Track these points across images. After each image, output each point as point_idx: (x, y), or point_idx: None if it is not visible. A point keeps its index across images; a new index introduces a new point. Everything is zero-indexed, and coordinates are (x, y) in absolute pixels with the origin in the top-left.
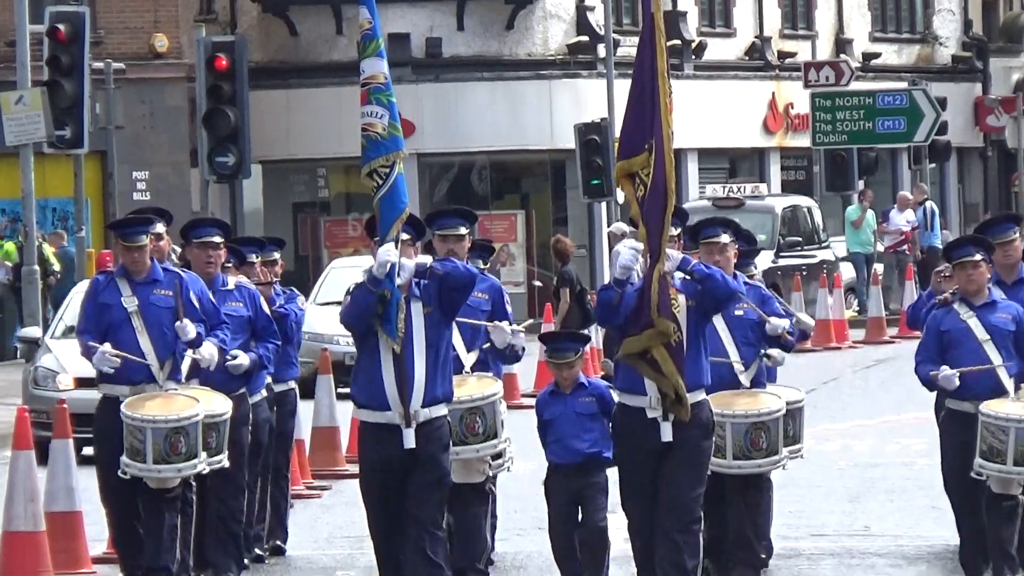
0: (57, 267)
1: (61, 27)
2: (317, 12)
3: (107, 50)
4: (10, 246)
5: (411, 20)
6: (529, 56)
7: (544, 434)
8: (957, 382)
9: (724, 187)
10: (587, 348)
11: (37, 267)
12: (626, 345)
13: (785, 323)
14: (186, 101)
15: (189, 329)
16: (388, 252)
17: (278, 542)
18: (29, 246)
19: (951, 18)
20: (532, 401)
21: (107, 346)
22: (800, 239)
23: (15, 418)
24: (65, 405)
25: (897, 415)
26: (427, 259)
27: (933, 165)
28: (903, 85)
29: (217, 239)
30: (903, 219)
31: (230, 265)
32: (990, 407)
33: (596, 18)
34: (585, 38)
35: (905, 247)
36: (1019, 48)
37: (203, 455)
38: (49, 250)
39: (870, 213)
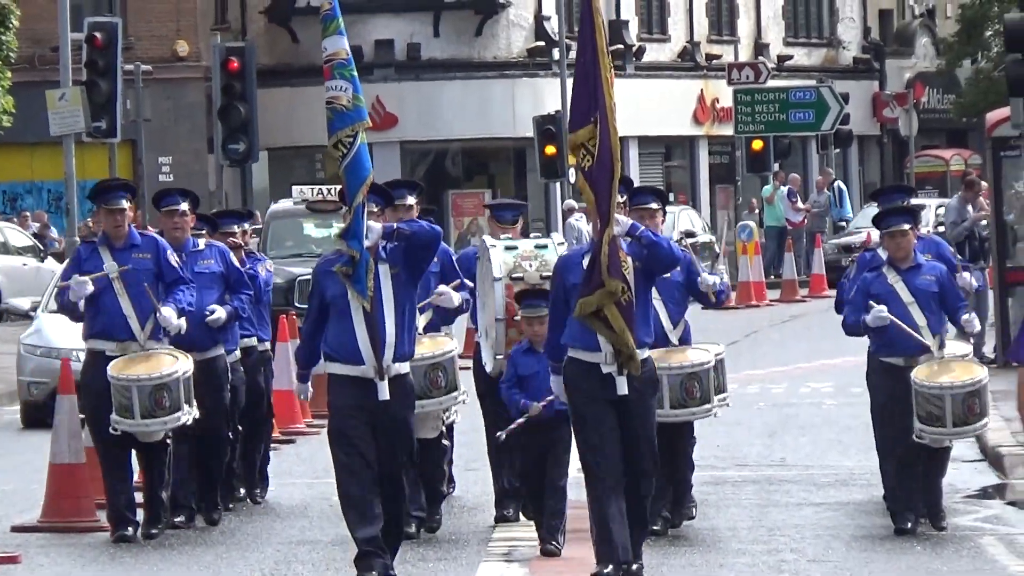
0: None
1: (97, 35)
2: (315, 22)
3: (136, 54)
4: None
5: (395, 28)
6: (495, 59)
7: (517, 388)
8: (887, 314)
9: (313, 190)
10: None
11: (78, 239)
12: (580, 305)
13: (714, 279)
14: (203, 97)
15: (172, 318)
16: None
17: (256, 491)
18: (71, 221)
19: (852, 25)
20: (469, 362)
21: (77, 277)
22: None
23: (60, 367)
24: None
25: (808, 363)
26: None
27: (838, 150)
28: (812, 82)
29: (183, 207)
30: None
31: (203, 232)
32: (923, 377)
33: (551, 27)
34: (542, 43)
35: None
36: (910, 51)
37: (186, 407)
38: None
39: (780, 190)
